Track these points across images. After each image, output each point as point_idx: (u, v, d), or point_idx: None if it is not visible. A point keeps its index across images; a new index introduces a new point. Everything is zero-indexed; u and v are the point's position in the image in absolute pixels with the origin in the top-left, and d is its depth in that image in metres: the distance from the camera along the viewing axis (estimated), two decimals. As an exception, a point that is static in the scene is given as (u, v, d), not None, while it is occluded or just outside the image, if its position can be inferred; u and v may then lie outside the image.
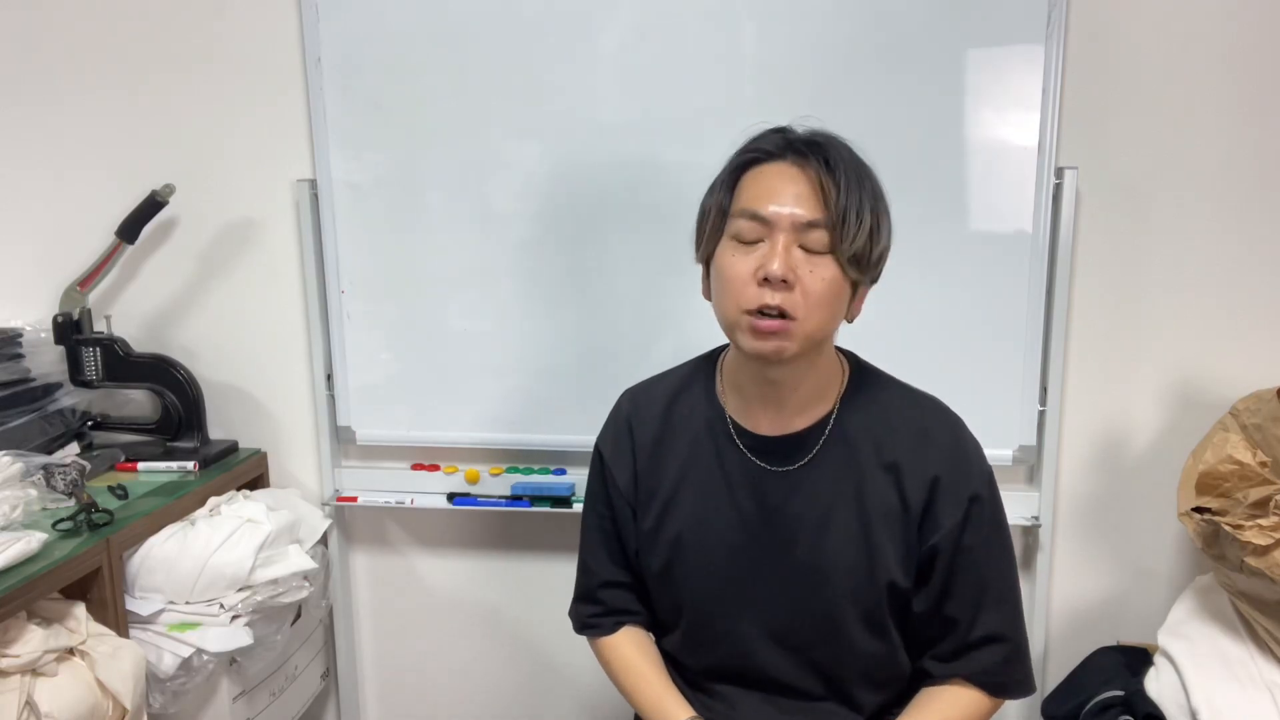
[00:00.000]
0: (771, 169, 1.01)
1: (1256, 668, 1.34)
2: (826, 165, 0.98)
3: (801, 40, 1.55)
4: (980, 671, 1.10)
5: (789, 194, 0.98)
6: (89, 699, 1.28)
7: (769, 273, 0.97)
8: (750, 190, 1.01)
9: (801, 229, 0.98)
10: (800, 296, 0.98)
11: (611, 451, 1.20)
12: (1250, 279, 1.58)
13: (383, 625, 1.95)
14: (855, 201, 0.98)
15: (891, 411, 1.11)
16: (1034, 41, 1.50)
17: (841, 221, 0.97)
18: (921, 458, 1.08)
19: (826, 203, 0.97)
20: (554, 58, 1.60)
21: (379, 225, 1.70)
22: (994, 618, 1.09)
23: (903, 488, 1.08)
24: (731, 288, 1.00)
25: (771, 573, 1.11)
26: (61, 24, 1.73)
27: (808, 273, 0.98)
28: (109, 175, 1.77)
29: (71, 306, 1.69)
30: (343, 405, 1.78)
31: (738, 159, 1.05)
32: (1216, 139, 1.54)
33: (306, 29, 1.65)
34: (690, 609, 1.16)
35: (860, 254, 0.99)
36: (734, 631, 1.14)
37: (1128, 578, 1.71)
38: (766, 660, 1.14)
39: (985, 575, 1.09)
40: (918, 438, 1.09)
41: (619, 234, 1.64)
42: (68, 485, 1.47)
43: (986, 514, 1.09)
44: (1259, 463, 1.32)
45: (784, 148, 1.02)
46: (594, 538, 1.24)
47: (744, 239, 1.00)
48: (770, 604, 1.12)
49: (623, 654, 1.21)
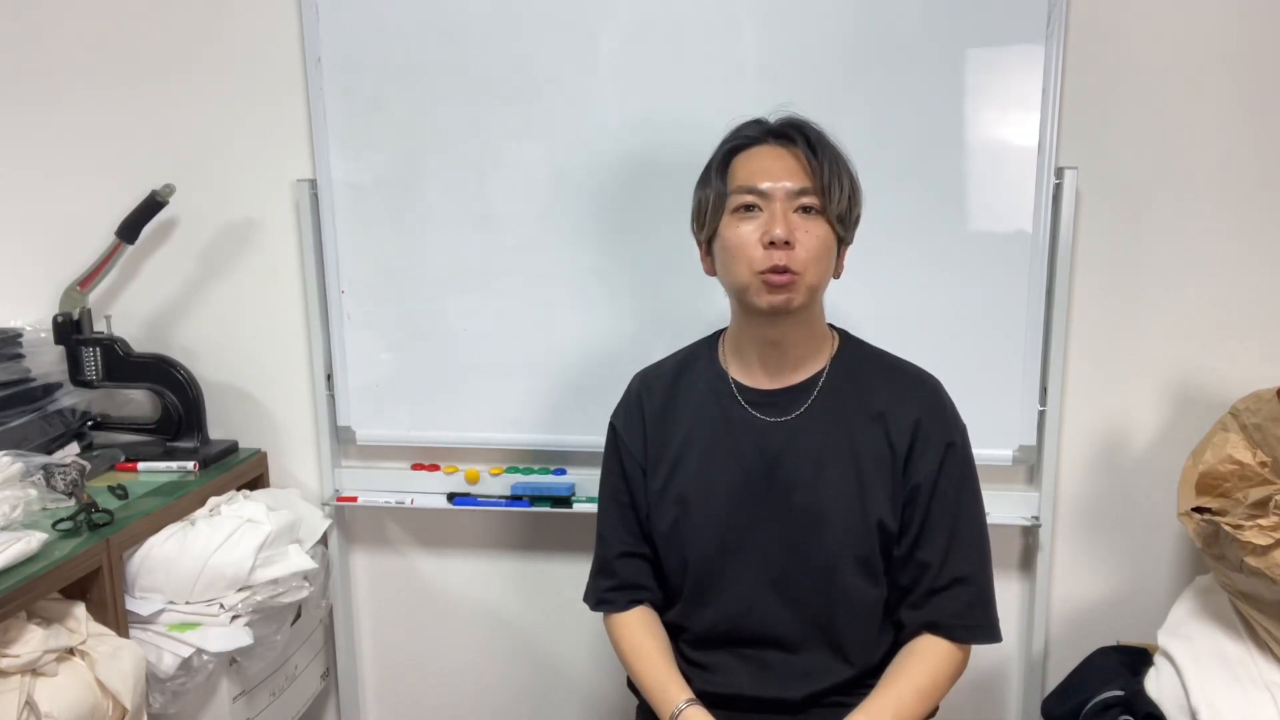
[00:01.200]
0: (759, 151, 1.17)
1: (1256, 668, 1.34)
2: (807, 142, 1.15)
3: (801, 40, 1.55)
4: (947, 616, 1.18)
5: (779, 168, 1.14)
6: (89, 699, 1.28)
7: (774, 235, 1.11)
8: (744, 170, 1.16)
9: (794, 196, 1.13)
10: (801, 253, 1.12)
11: (624, 423, 1.31)
12: (1250, 279, 1.58)
13: (383, 625, 1.95)
14: (835, 171, 1.14)
15: (877, 369, 1.25)
16: (1034, 41, 1.50)
17: (827, 187, 1.13)
18: (904, 405, 1.21)
19: (812, 172, 1.13)
20: (554, 58, 1.60)
21: (379, 225, 1.70)
22: (961, 561, 1.19)
23: (889, 433, 1.20)
24: (742, 253, 1.14)
25: (772, 520, 1.21)
26: (61, 24, 1.74)
27: (804, 233, 1.13)
28: (109, 175, 1.77)
29: (71, 306, 1.69)
30: (343, 405, 1.78)
31: (724, 147, 1.20)
32: (1216, 139, 1.54)
33: (306, 29, 1.65)
34: (694, 565, 1.24)
35: (843, 214, 1.15)
36: (735, 584, 1.22)
37: (1128, 578, 1.71)
38: (765, 614, 1.22)
39: (956, 520, 1.19)
40: (900, 388, 1.23)
41: (619, 234, 1.64)
42: (68, 485, 1.47)
43: (959, 460, 1.20)
44: (1259, 463, 1.32)
45: (765, 132, 1.18)
46: (610, 510, 1.32)
47: (745, 211, 1.14)
48: (770, 552, 1.21)
49: (633, 634, 1.28)
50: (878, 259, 1.56)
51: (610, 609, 1.31)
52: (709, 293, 1.63)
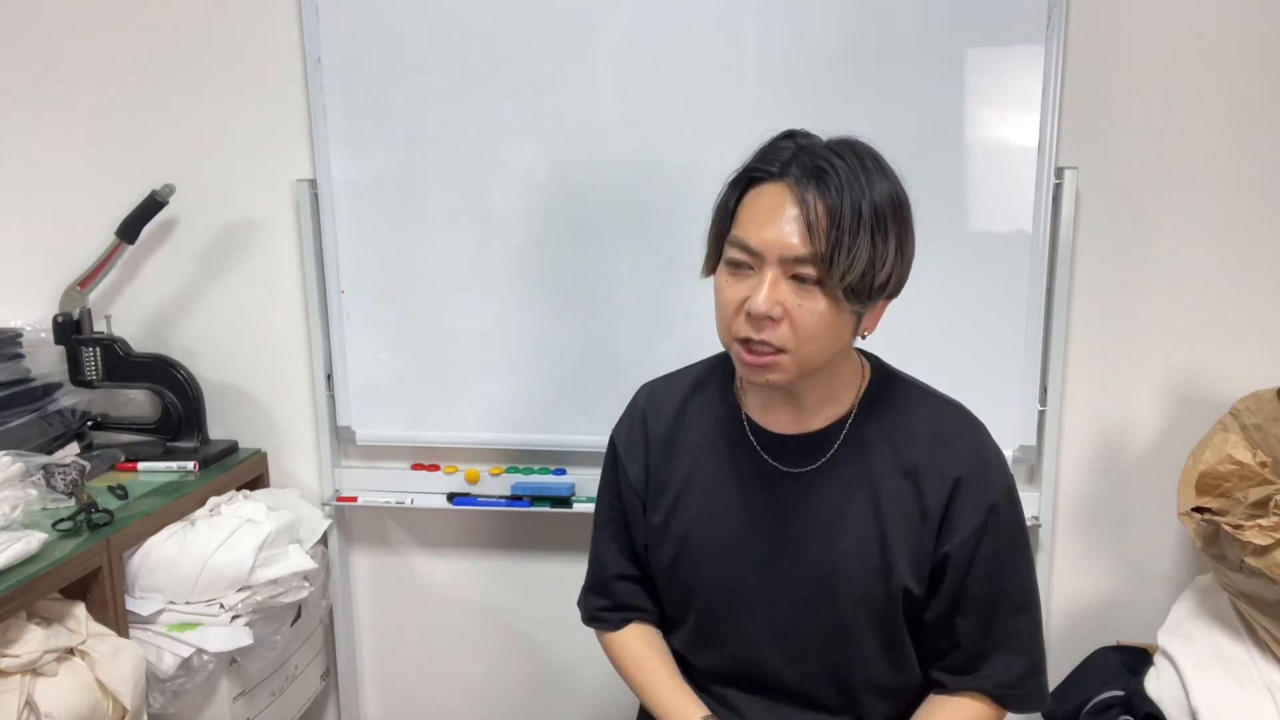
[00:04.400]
0: (769, 191, 0.97)
1: (1256, 668, 1.34)
2: (822, 192, 0.93)
3: (801, 40, 1.55)
4: (994, 685, 1.08)
5: (779, 224, 0.94)
6: (89, 699, 1.28)
7: (752, 308, 0.95)
8: (746, 215, 0.98)
9: (790, 263, 0.94)
10: (789, 329, 0.95)
11: (625, 443, 1.19)
12: (1250, 279, 1.58)
13: (383, 625, 1.95)
14: (850, 232, 0.92)
15: (912, 415, 1.08)
16: (1034, 41, 1.50)
17: (831, 255, 0.92)
18: (942, 461, 1.05)
19: (817, 234, 0.92)
20: (554, 58, 1.60)
21: (379, 225, 1.70)
22: (1008, 631, 1.07)
23: (922, 492, 1.05)
24: (723, 314, 1.00)
25: (780, 574, 1.09)
26: (61, 24, 1.73)
27: (796, 305, 0.95)
28: (109, 175, 1.77)
29: (71, 306, 1.69)
30: (342, 405, 1.78)
31: (744, 174, 1.00)
32: (1216, 139, 1.54)
33: (306, 29, 1.65)
34: (697, 606, 1.15)
35: (857, 286, 0.94)
36: (740, 631, 1.12)
37: (1128, 578, 1.71)
38: (771, 663, 1.12)
39: (1001, 586, 1.06)
40: (939, 441, 1.06)
41: (619, 234, 1.64)
42: (68, 485, 1.47)
43: (1004, 525, 1.05)
44: (1259, 463, 1.32)
45: (786, 165, 0.96)
46: (606, 530, 1.23)
47: (737, 267, 0.98)
48: (777, 605, 1.10)
49: (634, 650, 1.20)
50: (878, 259, 1.56)
51: (605, 627, 1.23)
52: (709, 292, 1.63)
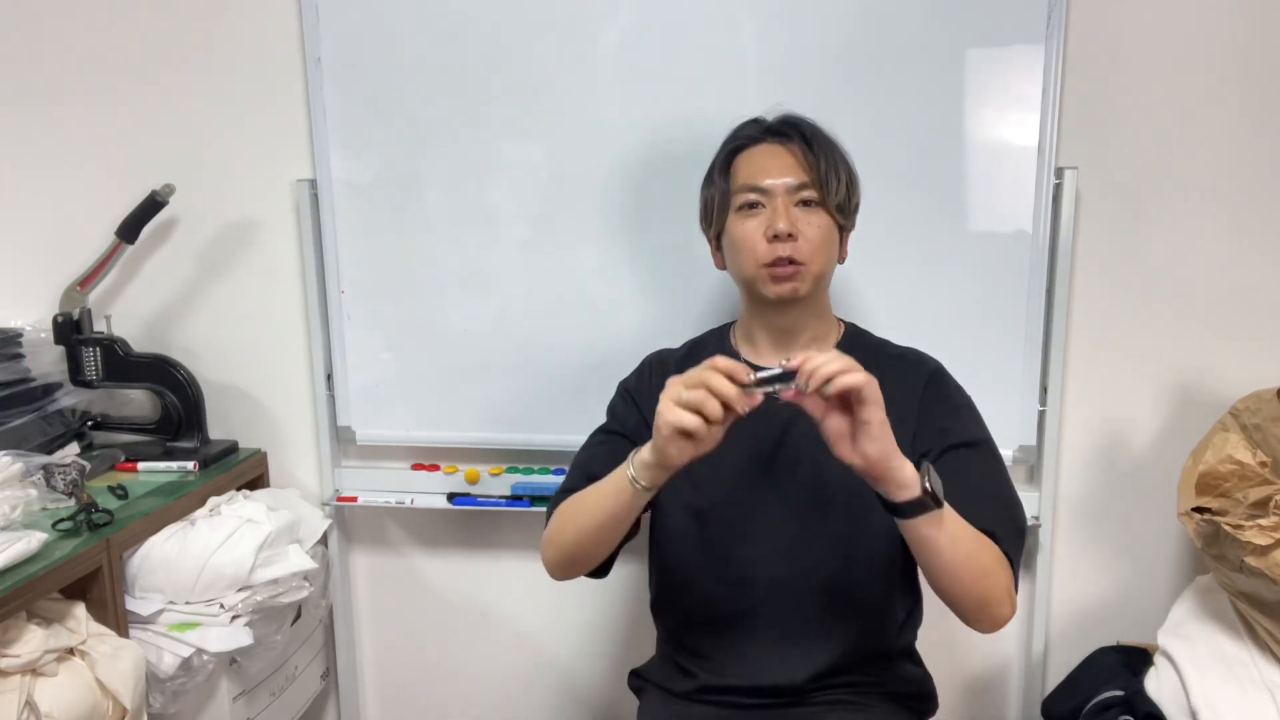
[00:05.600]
0: (758, 150, 1.23)
1: (1256, 668, 1.34)
2: (804, 138, 1.21)
3: (801, 40, 1.55)
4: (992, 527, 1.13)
5: (778, 165, 1.20)
6: (89, 699, 1.28)
7: (777, 230, 1.17)
8: (745, 169, 1.22)
9: (794, 191, 1.19)
10: (804, 244, 1.18)
11: (635, 384, 1.34)
12: (1250, 279, 1.57)
13: (383, 625, 1.95)
14: (832, 163, 1.20)
15: (881, 356, 1.27)
16: (1034, 41, 1.50)
17: (825, 179, 1.19)
18: (907, 385, 1.23)
19: (810, 167, 1.19)
20: (554, 57, 1.60)
21: (379, 225, 1.70)
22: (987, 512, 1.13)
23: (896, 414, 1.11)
24: (748, 248, 1.20)
25: (781, 492, 1.23)
26: (61, 24, 1.73)
27: (806, 224, 1.19)
28: (109, 175, 1.77)
29: (71, 306, 1.69)
30: (343, 405, 1.78)
31: (726, 147, 1.26)
32: (1216, 139, 1.54)
33: (306, 29, 1.65)
34: (701, 527, 1.25)
35: (842, 203, 1.22)
36: (743, 547, 1.24)
37: (1128, 578, 1.71)
38: (764, 582, 1.23)
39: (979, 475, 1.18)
40: (902, 372, 1.25)
41: (619, 233, 1.64)
42: (68, 485, 1.47)
43: (967, 421, 1.22)
44: (1259, 463, 1.32)
45: (764, 131, 1.24)
46: (600, 444, 1.30)
47: (749, 209, 1.20)
48: (781, 523, 1.23)
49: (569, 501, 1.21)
50: (878, 259, 1.56)
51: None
52: (709, 292, 1.63)
